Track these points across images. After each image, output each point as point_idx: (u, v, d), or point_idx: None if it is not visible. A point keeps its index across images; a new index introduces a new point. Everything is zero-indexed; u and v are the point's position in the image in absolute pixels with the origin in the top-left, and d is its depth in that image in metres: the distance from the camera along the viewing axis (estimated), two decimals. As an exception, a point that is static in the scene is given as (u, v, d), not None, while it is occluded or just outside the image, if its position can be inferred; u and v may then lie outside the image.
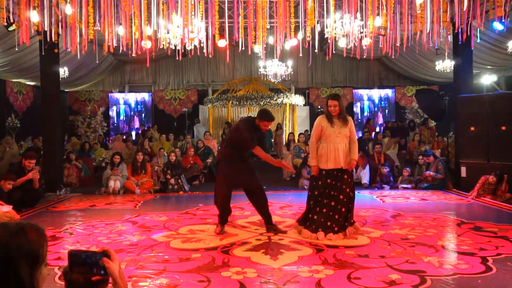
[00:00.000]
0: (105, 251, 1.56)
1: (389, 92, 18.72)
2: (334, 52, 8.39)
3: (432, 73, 15.33)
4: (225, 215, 5.65)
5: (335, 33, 7.68)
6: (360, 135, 14.58)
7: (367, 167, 9.94)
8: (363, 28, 7.75)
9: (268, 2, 7.86)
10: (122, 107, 18.51)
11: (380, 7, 7.08)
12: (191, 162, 10.74)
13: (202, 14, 7.42)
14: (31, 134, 13.35)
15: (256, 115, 5.53)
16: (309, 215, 5.42)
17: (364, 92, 18.75)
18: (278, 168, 12.21)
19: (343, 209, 5.30)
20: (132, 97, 18.56)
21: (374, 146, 10.81)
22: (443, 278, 3.85)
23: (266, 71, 13.82)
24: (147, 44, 7.92)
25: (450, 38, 9.23)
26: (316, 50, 8.03)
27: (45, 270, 1.49)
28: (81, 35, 7.55)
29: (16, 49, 8.27)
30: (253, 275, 3.99)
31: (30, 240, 1.45)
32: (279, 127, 15.35)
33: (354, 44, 8.01)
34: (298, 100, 15.97)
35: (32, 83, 15.03)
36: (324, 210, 5.30)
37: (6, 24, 6.78)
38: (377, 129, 16.47)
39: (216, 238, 5.37)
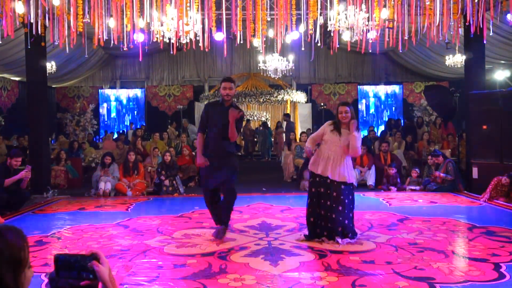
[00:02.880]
0: (94, 254, 1.55)
1: (396, 88, 18.74)
2: (338, 46, 8.40)
3: (442, 68, 15.34)
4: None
5: (339, 26, 7.68)
6: (365, 133, 14.60)
7: (373, 167, 9.94)
8: (368, 21, 7.75)
9: (268, -7, 7.86)
10: (113, 104, 18.49)
11: (386, -2, 7.09)
12: (187, 160, 10.78)
13: (198, 5, 7.41)
14: (16, 132, 13.34)
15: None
16: (310, 219, 5.44)
17: (369, 89, 18.77)
18: (278, 169, 12.29)
19: (332, 216, 5.23)
20: (124, 94, 18.55)
21: (380, 145, 10.80)
22: (454, 285, 3.85)
23: (265, 66, 13.81)
24: (139, 37, 7.92)
25: (461, 31, 9.22)
26: (319, 44, 8.03)
27: (29, 273, 1.49)
28: (69, 27, 7.55)
29: (0, 42, 8.27)
30: (252, 282, 3.98)
31: (10, 243, 1.44)
32: (279, 125, 15.36)
33: (359, 37, 8.01)
34: (300, 97, 15.97)
35: (17, 79, 15.01)
36: (312, 219, 5.35)
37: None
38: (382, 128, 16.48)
39: (212, 243, 5.37)
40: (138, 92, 18.56)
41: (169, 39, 7.93)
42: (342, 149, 5.31)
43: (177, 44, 8.33)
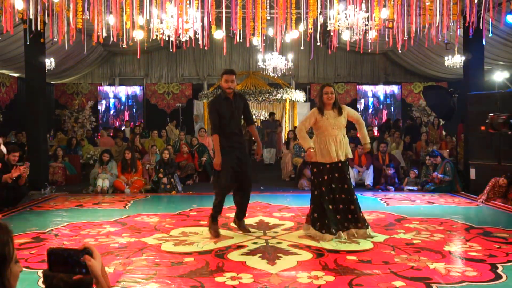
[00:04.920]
0: (87, 248, 1.55)
1: (395, 88, 18.74)
2: (337, 45, 8.40)
3: (441, 69, 15.35)
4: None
5: (339, 25, 7.68)
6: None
7: (371, 167, 9.95)
8: (368, 20, 7.75)
9: (268, -8, 7.85)
10: (112, 101, 18.46)
11: (386, -2, 7.09)
12: (185, 158, 10.78)
13: (198, 3, 7.40)
14: (14, 128, 13.32)
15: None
16: (314, 214, 5.44)
17: (368, 88, 18.76)
18: (276, 168, 12.28)
19: (347, 206, 5.42)
20: (123, 91, 18.51)
21: (378, 145, 10.81)
22: (450, 285, 3.86)
23: (265, 65, 13.80)
24: (138, 35, 7.90)
25: (460, 32, 9.23)
26: (318, 43, 8.03)
27: (16, 268, 1.48)
28: (68, 24, 7.53)
29: (-1, 38, 8.25)
30: (249, 281, 3.99)
31: None
32: (278, 124, 15.36)
33: (358, 37, 8.00)
34: (299, 96, 15.96)
35: (16, 75, 14.97)
36: (330, 207, 5.36)
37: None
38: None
39: (210, 241, 5.37)
40: (137, 90, 18.53)
41: (169, 36, 7.92)
42: (342, 128, 5.47)
43: (177, 42, 8.31)
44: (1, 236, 1.45)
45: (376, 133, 15.63)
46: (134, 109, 18.55)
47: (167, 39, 8.09)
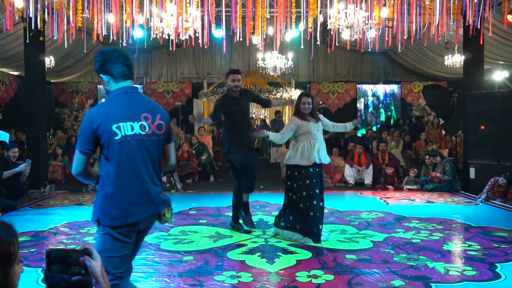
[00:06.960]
0: (86, 249, 1.55)
1: (395, 87, 18.75)
2: (337, 44, 8.39)
3: (441, 68, 15.35)
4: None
5: (339, 24, 7.67)
6: (364, 132, 14.61)
7: (371, 166, 9.95)
8: (368, 20, 7.74)
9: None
10: (112, 99, 18.45)
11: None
12: (185, 157, 10.78)
13: (198, 2, 7.40)
14: (14, 127, 13.30)
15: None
16: (290, 217, 5.38)
17: (368, 88, 18.77)
18: (275, 167, 12.27)
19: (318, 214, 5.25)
20: (122, 89, 18.51)
21: (378, 144, 10.82)
22: (449, 285, 3.86)
23: (265, 64, 13.79)
24: (138, 33, 7.90)
25: (460, 31, 9.23)
26: (318, 42, 8.02)
27: (18, 269, 1.49)
28: (68, 22, 7.52)
29: (-1, 36, 8.23)
30: (249, 280, 3.99)
31: None
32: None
33: (358, 36, 8.00)
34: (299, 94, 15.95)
35: (16, 73, 14.95)
36: (311, 214, 5.21)
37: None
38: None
39: (209, 240, 5.37)
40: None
41: (168, 35, 7.92)
42: (321, 133, 5.41)
43: (177, 41, 8.31)
44: (7, 236, 1.46)
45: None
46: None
47: (167, 37, 8.08)
